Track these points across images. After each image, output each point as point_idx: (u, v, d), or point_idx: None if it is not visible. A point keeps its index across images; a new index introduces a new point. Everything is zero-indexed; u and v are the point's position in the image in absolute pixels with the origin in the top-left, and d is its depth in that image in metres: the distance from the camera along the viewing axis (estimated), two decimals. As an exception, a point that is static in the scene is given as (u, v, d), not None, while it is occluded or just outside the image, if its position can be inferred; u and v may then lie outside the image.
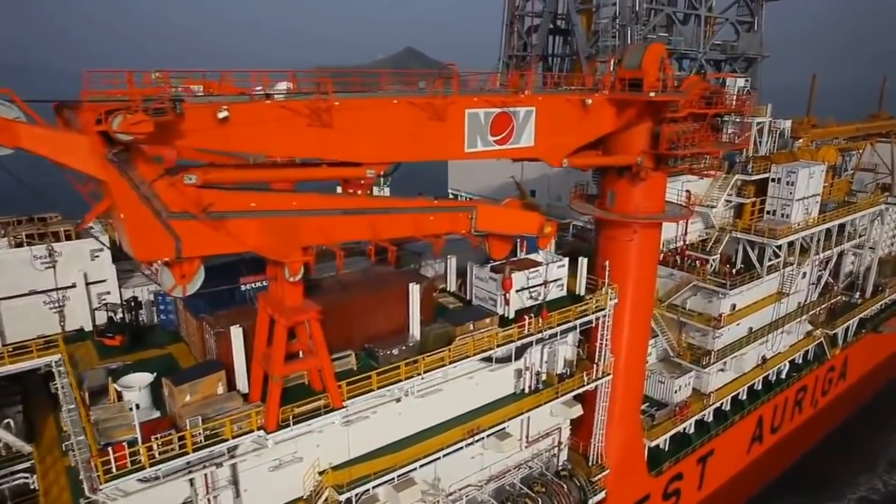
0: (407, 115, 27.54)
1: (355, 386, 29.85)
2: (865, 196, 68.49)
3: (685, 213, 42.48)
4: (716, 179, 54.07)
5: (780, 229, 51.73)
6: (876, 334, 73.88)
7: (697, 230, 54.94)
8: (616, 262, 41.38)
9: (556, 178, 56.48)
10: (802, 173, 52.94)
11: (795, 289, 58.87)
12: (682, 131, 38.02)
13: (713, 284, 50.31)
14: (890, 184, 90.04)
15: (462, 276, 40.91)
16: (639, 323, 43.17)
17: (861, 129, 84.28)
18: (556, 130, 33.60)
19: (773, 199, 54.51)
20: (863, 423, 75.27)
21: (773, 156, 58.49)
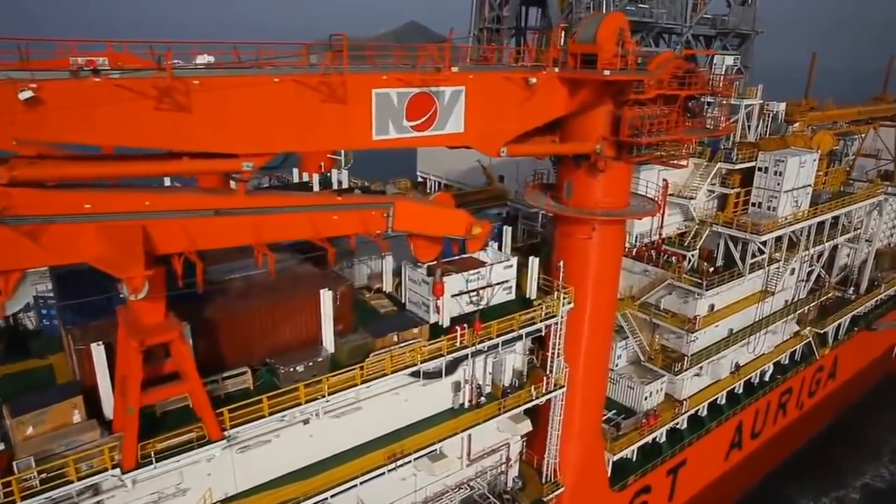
0: (293, 97, 22.54)
1: (243, 412, 25.37)
2: (864, 186, 63.04)
3: (652, 208, 37.36)
4: (697, 168, 48.85)
5: (764, 224, 46.58)
6: (870, 332, 68.92)
7: (676, 223, 49.86)
8: (573, 263, 36.54)
9: (526, 162, 51.33)
10: (792, 162, 47.61)
11: (782, 286, 53.88)
12: (647, 116, 32.90)
13: (689, 284, 45.40)
14: (892, 171, 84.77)
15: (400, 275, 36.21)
16: (599, 329, 38.40)
17: (864, 112, 78.34)
18: (493, 114, 28.53)
19: (759, 191, 49.26)
20: (866, 412, 71.48)
21: (761, 142, 53.10)
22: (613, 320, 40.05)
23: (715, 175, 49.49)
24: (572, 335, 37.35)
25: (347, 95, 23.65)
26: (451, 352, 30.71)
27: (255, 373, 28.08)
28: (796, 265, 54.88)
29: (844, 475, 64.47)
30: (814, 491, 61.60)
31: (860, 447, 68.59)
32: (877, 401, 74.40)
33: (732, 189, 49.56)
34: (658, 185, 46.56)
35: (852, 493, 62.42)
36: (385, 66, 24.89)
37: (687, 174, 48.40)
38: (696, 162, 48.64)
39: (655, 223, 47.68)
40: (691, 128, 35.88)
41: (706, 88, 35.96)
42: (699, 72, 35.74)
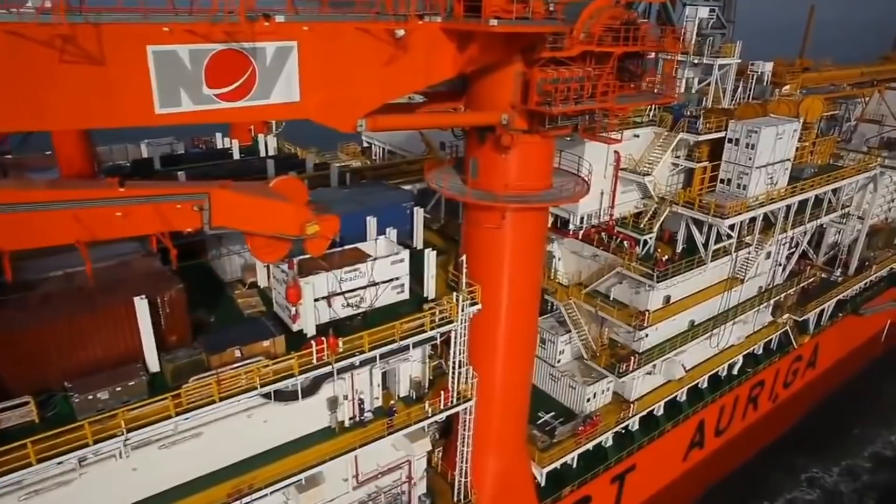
0: (6, 55, 16.10)
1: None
2: (857, 158, 55.51)
3: (580, 191, 30.61)
4: (657, 138, 41.77)
5: (729, 206, 39.68)
6: (857, 317, 62.22)
7: (634, 200, 43.07)
8: (480, 257, 30.19)
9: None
10: (766, 133, 40.38)
11: (755, 272, 47.27)
12: (563, 79, 26.01)
13: (639, 274, 38.94)
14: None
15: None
16: (518, 332, 32.19)
17: (867, 73, 70.04)
18: (343, 78, 21.85)
19: (729, 165, 42.20)
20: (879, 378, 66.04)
21: (737, 108, 45.77)
22: (536, 320, 33.70)
23: (678, 147, 42.45)
24: (481, 341, 31.26)
25: (105, 54, 17.12)
26: (304, 371, 24.70)
27: (50, 401, 22.37)
28: (772, 248, 48.10)
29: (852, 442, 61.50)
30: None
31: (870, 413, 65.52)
32: (860, 389, 68.12)
33: (698, 163, 42.53)
34: (608, 158, 39.75)
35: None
36: (169, 17, 18.18)
37: (644, 145, 41.40)
38: (657, 132, 41.56)
39: (606, 202, 40.98)
40: (628, 94, 28.91)
41: (650, 44, 28.89)
42: (640, 23, 28.59)
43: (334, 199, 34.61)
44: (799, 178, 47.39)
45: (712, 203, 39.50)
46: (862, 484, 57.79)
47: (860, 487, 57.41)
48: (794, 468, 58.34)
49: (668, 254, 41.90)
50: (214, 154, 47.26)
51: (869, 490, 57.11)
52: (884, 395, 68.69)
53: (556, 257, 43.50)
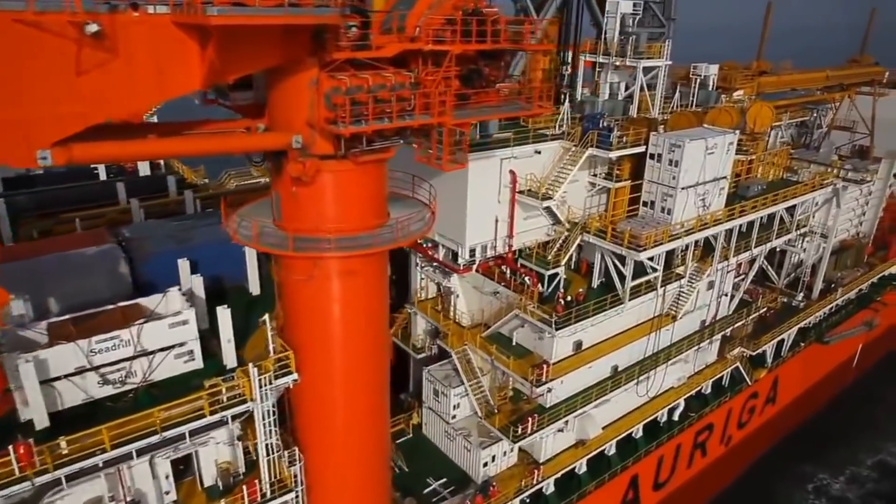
0: None
1: None
2: (815, 171, 48.59)
3: (417, 230, 23.70)
4: (565, 153, 34.91)
5: (646, 235, 32.79)
6: (821, 345, 55.19)
7: (544, 227, 36.17)
8: (298, 313, 23.40)
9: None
10: (691, 148, 33.44)
11: (693, 306, 40.38)
12: (364, 88, 19.28)
13: (536, 318, 32.11)
14: (868, 147, 69.76)
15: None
16: (359, 402, 25.30)
17: (833, 76, 63.20)
18: (5, 93, 15.15)
19: (651, 186, 35.27)
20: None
21: (671, 118, 38.93)
22: (384, 385, 26.57)
23: (597, 164, 35.61)
24: (309, 415, 24.47)
25: None
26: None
27: None
28: (716, 277, 41.20)
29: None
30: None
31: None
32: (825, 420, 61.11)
33: (615, 184, 35.65)
34: (501, 178, 32.95)
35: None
36: None
37: (548, 163, 34.55)
38: (565, 146, 34.72)
39: (503, 230, 34.10)
40: (471, 106, 22.14)
41: (506, 41, 22.17)
42: (491, 13, 21.83)
43: (154, 234, 27.98)
44: (744, 197, 40.59)
45: (626, 232, 32.59)
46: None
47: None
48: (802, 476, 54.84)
49: (583, 289, 35.02)
50: (78, 174, 40.73)
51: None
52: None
53: (454, 294, 36.68)
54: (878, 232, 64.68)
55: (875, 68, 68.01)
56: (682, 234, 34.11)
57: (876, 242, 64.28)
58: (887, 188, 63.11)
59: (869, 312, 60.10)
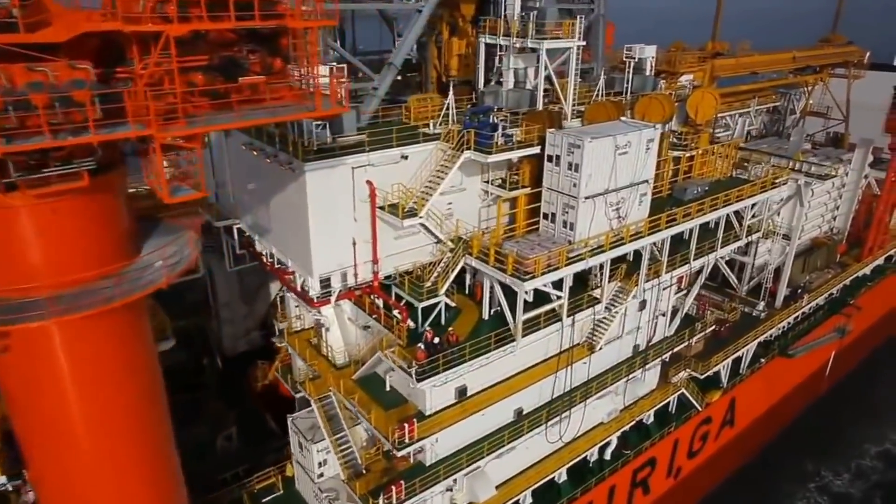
0: None
1: None
2: (767, 169, 40.73)
3: (149, 280, 16.38)
4: (442, 157, 27.37)
5: (533, 258, 25.22)
6: (786, 359, 47.59)
7: (429, 246, 28.75)
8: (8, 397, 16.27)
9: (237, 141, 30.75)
10: (593, 147, 25.73)
11: (620, 330, 32.99)
12: (21, 88, 11.96)
13: (398, 364, 24.77)
14: (843, 134, 61.79)
15: None
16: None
17: (801, 58, 54.94)
18: None
19: (551, 194, 27.70)
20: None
21: (589, 109, 31.25)
22: (161, 459, 19.58)
23: (478, 168, 28.09)
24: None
25: None
26: None
27: None
28: (649, 296, 33.71)
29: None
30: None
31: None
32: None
33: (509, 192, 28.07)
34: (356, 191, 25.50)
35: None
36: None
37: (423, 170, 27.02)
38: (441, 148, 27.16)
39: (365, 253, 26.67)
40: (232, 109, 14.78)
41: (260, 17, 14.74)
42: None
43: None
44: (681, 201, 33.02)
45: (510, 256, 25.05)
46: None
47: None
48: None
49: (472, 323, 27.63)
50: None
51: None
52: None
53: (324, 327, 29.40)
54: (853, 227, 56.95)
55: (848, 48, 59.72)
56: (587, 255, 26.55)
57: (850, 240, 56.56)
58: (862, 179, 55.38)
59: (841, 318, 52.38)
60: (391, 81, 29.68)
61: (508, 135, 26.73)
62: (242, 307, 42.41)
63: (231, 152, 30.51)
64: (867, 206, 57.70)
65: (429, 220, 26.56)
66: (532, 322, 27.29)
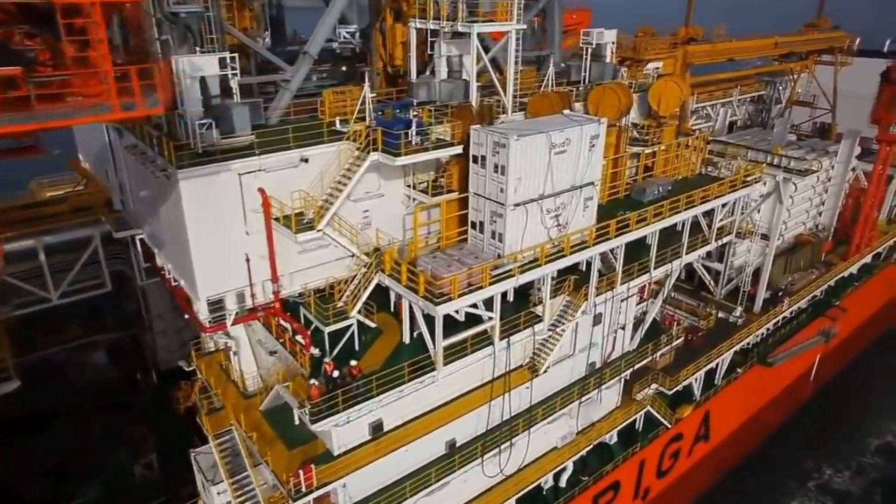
0: None
1: None
2: (739, 166, 36.59)
3: None
4: (349, 159, 23.37)
5: (449, 277, 21.25)
6: (765, 367, 43.63)
7: (344, 258, 24.78)
8: None
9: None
10: (521, 146, 21.66)
11: (572, 348, 29.10)
12: None
13: (297, 401, 20.93)
14: (829, 124, 57.61)
15: None
16: None
17: (784, 43, 50.72)
18: None
19: (478, 201, 23.71)
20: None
21: (532, 99, 27.21)
22: None
23: (399, 172, 24.09)
24: None
25: None
26: None
27: None
28: (604, 309, 29.76)
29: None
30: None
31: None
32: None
33: (431, 198, 24.08)
34: (246, 201, 21.56)
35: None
36: None
37: (319, 174, 23.03)
38: (348, 148, 23.14)
39: (262, 271, 22.76)
40: None
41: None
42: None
43: None
44: (640, 205, 29.00)
45: (421, 276, 21.11)
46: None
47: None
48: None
49: (391, 348, 23.76)
50: None
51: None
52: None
53: (232, 351, 25.60)
54: (840, 223, 52.77)
55: (835, 33, 55.39)
56: (517, 271, 22.57)
57: (837, 236, 52.41)
58: (849, 172, 51.16)
59: (826, 321, 48.37)
60: (305, 73, 25.75)
61: (425, 132, 22.69)
62: (178, 318, 38.65)
63: (126, 155, 26.57)
64: (855, 201, 53.47)
65: (335, 231, 22.62)
66: (460, 346, 23.40)
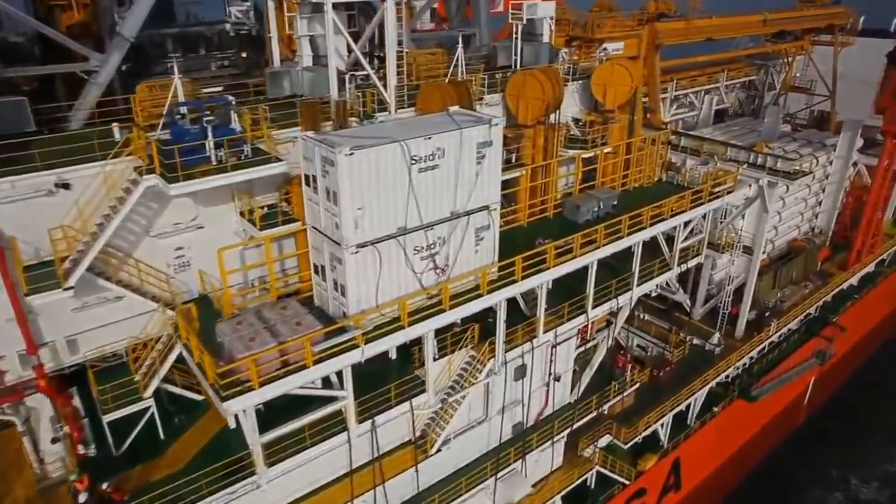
0: None
1: None
2: (707, 172, 29.02)
3: None
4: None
5: (247, 357, 14.23)
6: (747, 402, 36.35)
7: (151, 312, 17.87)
8: None
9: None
10: (351, 163, 14.55)
11: (485, 411, 22.11)
12: None
13: None
14: (828, 113, 49.80)
15: None
16: None
17: (774, 21, 42.79)
18: None
19: (315, 237, 16.64)
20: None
21: (427, 89, 20.06)
22: None
23: (204, 193, 17.05)
24: None
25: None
26: None
27: None
28: (531, 360, 22.67)
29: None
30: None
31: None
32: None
33: (259, 231, 17.05)
34: None
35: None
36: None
37: (87, 205, 16.05)
38: (121, 167, 16.06)
39: (9, 339, 15.90)
40: None
41: None
42: None
43: None
44: (573, 226, 21.85)
45: (205, 358, 14.16)
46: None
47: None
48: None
49: (207, 438, 16.88)
50: None
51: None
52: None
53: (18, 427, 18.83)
54: (839, 226, 45.23)
55: (835, 9, 47.35)
56: (360, 340, 15.48)
57: (835, 240, 44.88)
58: (850, 167, 43.48)
59: (821, 341, 40.95)
60: (117, 62, 18.80)
61: (232, 145, 15.55)
62: None
63: None
64: (856, 200, 45.79)
65: (116, 283, 15.68)
66: (292, 438, 16.46)
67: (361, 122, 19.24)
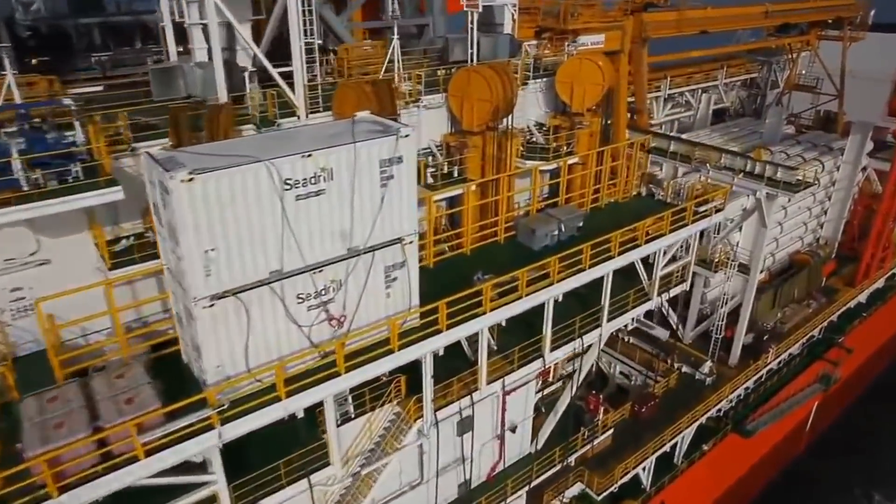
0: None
1: None
2: (705, 178, 25.09)
3: None
4: None
5: (41, 457, 10.65)
6: (742, 437, 32.43)
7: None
8: None
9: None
10: (192, 191, 10.84)
11: (422, 473, 18.46)
12: None
13: None
14: (836, 113, 45.60)
15: None
16: None
17: (775, 12, 38.61)
18: None
19: (171, 282, 13.05)
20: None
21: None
22: None
23: (50, 220, 13.42)
24: None
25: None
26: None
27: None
28: (477, 412, 18.92)
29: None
30: None
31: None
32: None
33: (113, 270, 13.42)
34: None
35: None
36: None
37: None
38: None
39: None
40: None
41: None
42: None
43: None
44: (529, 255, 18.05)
45: None
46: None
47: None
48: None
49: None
50: None
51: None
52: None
53: None
54: (845, 237, 41.15)
55: (844, 0, 43.08)
56: (215, 421, 11.75)
57: (842, 253, 40.81)
58: (858, 172, 39.35)
59: (825, 365, 36.94)
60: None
61: (59, 163, 11.87)
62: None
63: None
64: (865, 208, 41.65)
65: None
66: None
67: (259, 131, 15.50)
